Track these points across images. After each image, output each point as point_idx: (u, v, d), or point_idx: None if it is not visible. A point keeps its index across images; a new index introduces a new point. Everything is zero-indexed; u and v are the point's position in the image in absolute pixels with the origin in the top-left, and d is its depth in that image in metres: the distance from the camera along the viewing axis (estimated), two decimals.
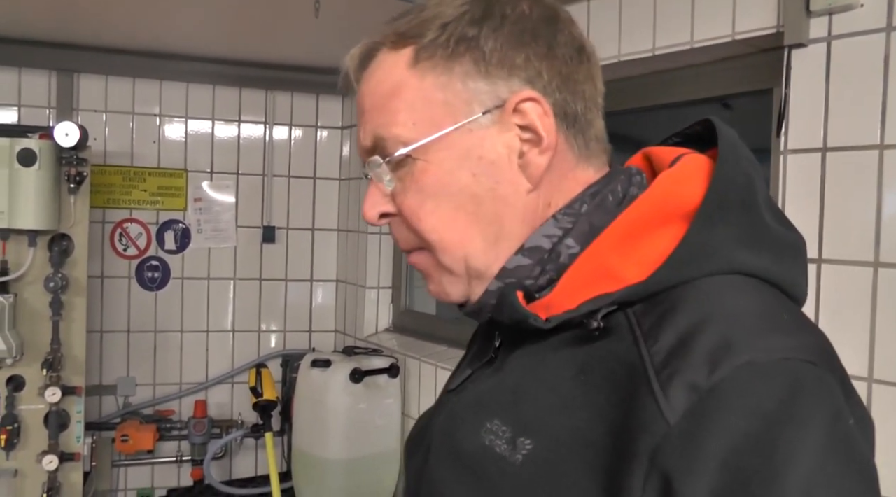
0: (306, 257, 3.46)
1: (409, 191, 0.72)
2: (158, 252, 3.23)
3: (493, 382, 0.73)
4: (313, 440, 2.73)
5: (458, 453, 0.71)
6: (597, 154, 0.75)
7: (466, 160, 0.70)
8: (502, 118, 0.70)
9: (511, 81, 0.70)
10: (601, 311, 0.64)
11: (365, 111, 0.75)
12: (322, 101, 3.45)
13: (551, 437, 0.63)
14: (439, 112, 0.70)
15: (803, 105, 1.54)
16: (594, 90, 0.75)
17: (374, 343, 3.09)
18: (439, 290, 0.76)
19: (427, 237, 0.73)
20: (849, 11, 1.45)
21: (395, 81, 0.72)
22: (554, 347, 0.68)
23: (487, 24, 0.70)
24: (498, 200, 0.71)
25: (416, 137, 0.70)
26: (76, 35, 2.90)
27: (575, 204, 0.72)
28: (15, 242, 2.52)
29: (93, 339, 3.05)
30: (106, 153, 3.14)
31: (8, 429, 2.48)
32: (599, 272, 0.66)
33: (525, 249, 0.71)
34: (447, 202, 0.71)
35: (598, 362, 0.64)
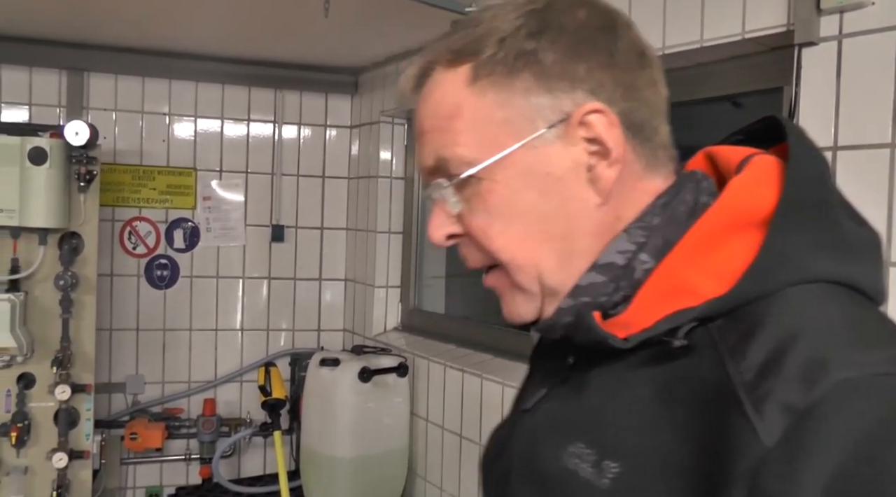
0: (315, 256, 3.46)
1: (476, 211, 0.71)
2: (167, 250, 3.24)
3: (573, 404, 0.71)
4: (322, 439, 2.73)
5: (542, 477, 0.70)
6: (664, 162, 0.73)
7: (533, 178, 0.68)
8: (567, 132, 0.68)
9: (574, 94, 0.68)
10: (682, 328, 0.62)
11: (425, 132, 0.73)
12: (331, 100, 3.45)
13: (637, 460, 0.62)
14: (502, 131, 0.68)
15: (814, 104, 1.52)
16: (658, 96, 0.73)
17: (383, 342, 3.10)
18: (513, 310, 0.75)
19: (499, 257, 0.71)
20: (860, 9, 1.44)
21: (455, 101, 0.70)
22: (633, 366, 0.66)
23: (546, 36, 0.68)
24: (568, 217, 0.69)
25: (479, 158, 0.69)
26: (86, 34, 2.92)
27: (646, 217, 0.69)
28: (25, 241, 2.53)
29: (102, 337, 3.06)
30: (115, 152, 3.15)
31: (18, 426, 2.50)
32: (676, 287, 0.64)
33: (598, 266, 0.69)
34: (517, 221, 0.70)
35: (680, 381, 0.62)
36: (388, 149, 3.25)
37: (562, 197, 0.69)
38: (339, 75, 3.39)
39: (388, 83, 3.16)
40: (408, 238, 3.26)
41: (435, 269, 3.31)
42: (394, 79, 3.12)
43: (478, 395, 2.50)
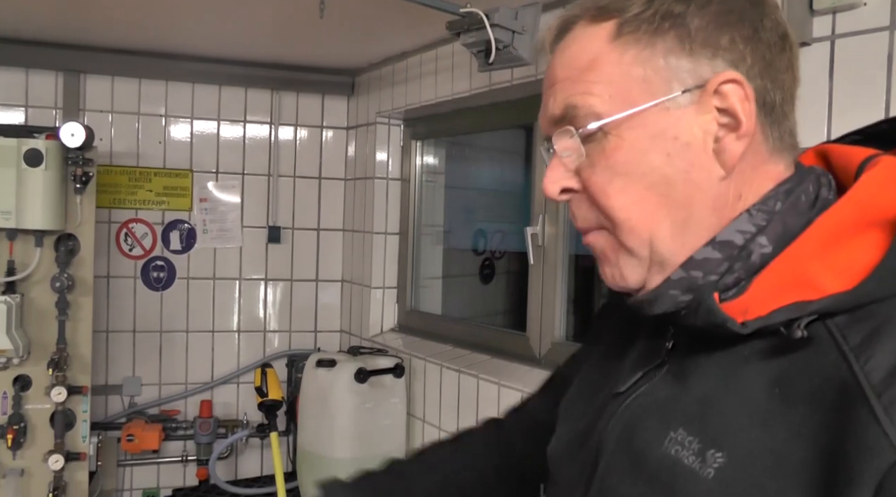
0: (312, 257, 3.46)
1: (597, 166, 0.70)
2: (164, 252, 3.24)
3: (676, 390, 0.70)
4: (319, 440, 2.73)
5: (642, 462, 0.68)
6: (788, 149, 0.72)
7: (661, 140, 0.68)
8: (702, 99, 0.68)
9: (715, 62, 0.67)
10: (802, 320, 0.60)
11: (557, 82, 0.72)
12: (327, 101, 3.46)
13: (745, 453, 0.61)
14: (637, 88, 0.68)
15: (807, 103, 1.53)
16: (793, 81, 0.72)
17: (380, 343, 3.10)
18: (615, 273, 0.73)
19: (614, 215, 0.70)
20: (852, 10, 1.45)
21: (594, 54, 0.70)
22: (745, 356, 0.65)
23: (695, 1, 0.68)
24: (690, 184, 0.68)
25: (611, 111, 0.68)
26: (83, 36, 2.92)
27: (769, 201, 0.69)
28: (22, 242, 2.53)
29: (99, 339, 3.07)
30: (112, 153, 3.16)
31: (14, 428, 2.50)
32: (798, 278, 0.63)
33: (716, 242, 0.68)
34: (638, 181, 0.68)
35: (798, 375, 0.60)
36: (384, 150, 3.25)
37: (687, 163, 0.68)
38: (336, 76, 3.40)
39: (385, 84, 3.16)
40: (404, 239, 3.26)
41: (431, 270, 3.31)
42: (390, 80, 3.12)
43: (474, 395, 2.50)
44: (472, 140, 3.39)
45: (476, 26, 1.99)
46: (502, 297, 3.64)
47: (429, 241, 3.31)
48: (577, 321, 2.50)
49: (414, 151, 3.23)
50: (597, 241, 0.73)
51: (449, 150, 3.34)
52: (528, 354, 2.50)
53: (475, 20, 1.98)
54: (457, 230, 3.49)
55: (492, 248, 3.63)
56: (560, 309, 2.44)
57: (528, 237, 2.45)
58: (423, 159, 3.26)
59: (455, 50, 2.64)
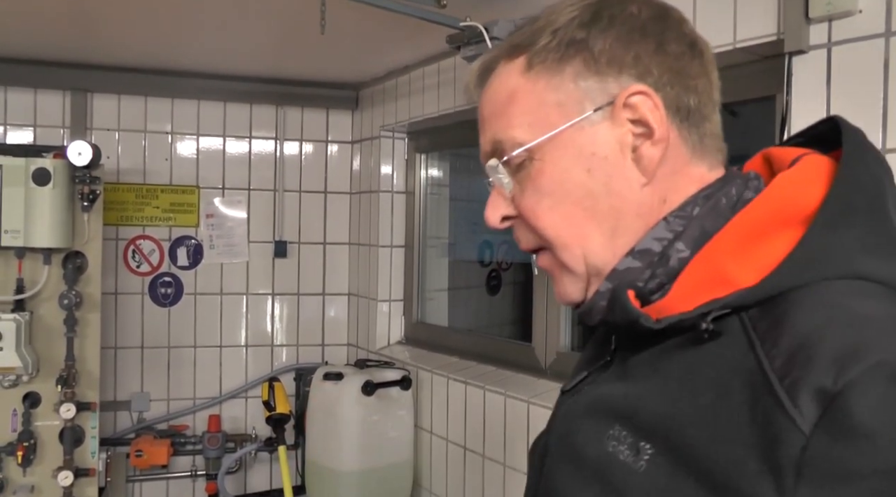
0: (318, 271, 3.48)
1: (526, 191, 0.74)
2: (171, 268, 3.26)
3: (613, 388, 0.73)
4: (327, 452, 2.73)
5: (581, 459, 0.71)
6: (711, 151, 0.75)
7: (580, 157, 0.72)
8: (613, 114, 0.71)
9: (621, 78, 0.71)
10: (711, 314, 0.63)
11: (485, 120, 0.78)
12: (332, 115, 3.48)
13: (669, 443, 0.63)
14: (553, 112, 0.72)
15: (805, 111, 1.54)
16: (708, 85, 0.75)
17: (387, 355, 3.10)
18: (562, 291, 0.77)
19: (546, 234, 0.74)
20: (848, 17, 1.45)
21: (511, 88, 0.75)
22: (668, 352, 0.68)
23: (596, 26, 0.72)
24: (613, 195, 0.72)
25: (531, 138, 0.73)
26: (89, 55, 2.95)
27: (687, 207, 0.71)
28: (30, 260, 2.55)
29: (107, 355, 3.08)
30: (119, 171, 3.18)
31: (24, 445, 2.51)
32: (713, 277, 0.65)
33: (635, 252, 0.71)
34: (564, 199, 0.72)
35: (710, 366, 0.63)
36: (388, 163, 3.27)
37: (608, 175, 0.71)
38: (340, 91, 3.42)
39: (388, 98, 3.18)
40: (410, 252, 3.27)
41: (437, 283, 3.32)
42: (393, 93, 3.14)
43: (481, 406, 2.50)
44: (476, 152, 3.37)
45: (476, 39, 2.00)
46: (509, 308, 3.64)
47: (434, 254, 3.32)
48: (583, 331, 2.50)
49: (418, 164, 3.25)
50: (543, 262, 0.78)
51: (453, 163, 3.36)
52: (534, 365, 2.50)
53: (475, 33, 2.00)
54: (462, 242, 3.50)
55: (498, 259, 3.63)
56: (565, 319, 2.44)
57: None
58: (427, 172, 3.27)
59: (457, 63, 2.66)
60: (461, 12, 2.01)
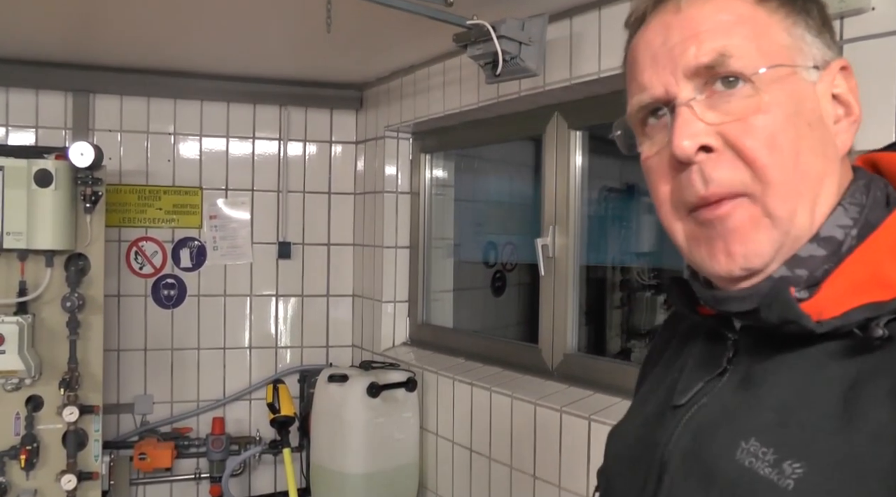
0: (322, 272, 3.46)
1: (750, 120, 0.66)
2: (174, 270, 3.24)
3: (744, 398, 0.67)
4: (332, 455, 2.72)
5: (712, 475, 0.65)
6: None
7: (803, 106, 0.67)
8: (825, 79, 0.69)
9: (831, 50, 0.70)
10: (882, 318, 0.58)
11: (700, 31, 0.68)
12: (336, 115, 3.46)
13: (826, 462, 0.58)
14: (784, 50, 0.68)
15: None
16: None
17: (392, 357, 3.08)
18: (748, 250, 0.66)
19: (772, 174, 0.65)
20: (860, 15, 1.43)
21: (742, 12, 0.68)
22: (818, 359, 0.62)
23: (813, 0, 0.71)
24: (824, 158, 0.67)
25: (765, 64, 0.66)
26: (91, 56, 2.94)
27: (856, 194, 0.68)
28: (33, 263, 2.54)
29: (110, 358, 3.07)
30: (121, 172, 3.17)
31: (27, 449, 2.49)
32: (872, 278, 0.62)
33: (820, 238, 0.66)
34: (792, 144, 0.65)
35: (875, 377, 0.58)
36: (393, 164, 3.25)
37: (823, 135, 0.68)
38: (344, 91, 3.40)
39: (393, 98, 3.16)
40: (415, 252, 3.25)
41: (443, 283, 3.30)
42: (398, 93, 3.12)
43: (487, 408, 2.48)
44: (481, 152, 3.38)
45: (483, 38, 1.98)
46: (514, 310, 3.63)
47: (439, 255, 3.30)
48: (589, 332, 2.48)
49: (423, 165, 3.23)
50: (736, 210, 0.66)
51: (458, 163, 3.34)
52: (540, 366, 2.48)
53: (482, 32, 1.98)
54: (467, 243, 3.48)
55: (503, 260, 3.61)
56: (572, 320, 2.42)
57: (538, 248, 2.44)
58: (432, 172, 3.25)
59: (462, 62, 2.64)
60: (468, 11, 1.99)
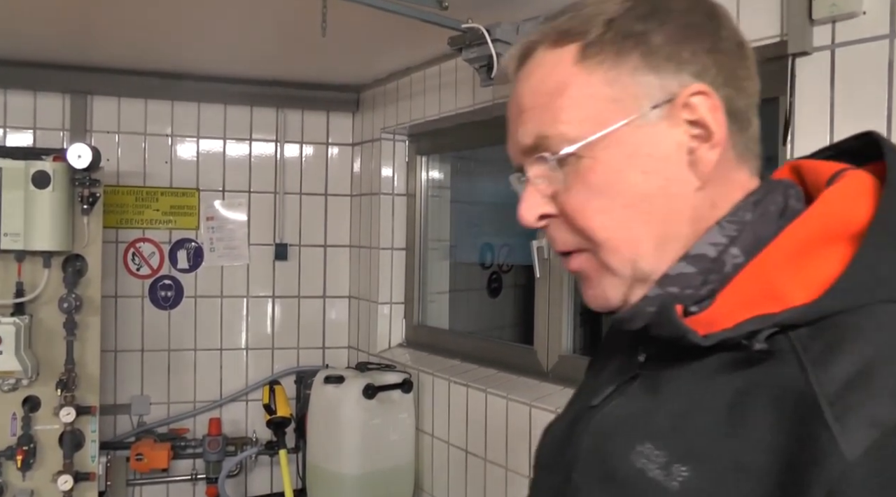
0: (319, 274, 3.47)
1: (573, 189, 0.70)
2: (171, 271, 3.25)
3: (644, 403, 0.71)
4: (328, 456, 2.72)
5: (609, 474, 0.69)
6: (752, 157, 0.73)
7: (635, 157, 0.68)
8: (672, 113, 0.68)
9: (680, 75, 0.68)
10: (763, 333, 0.61)
11: (524, 110, 0.72)
12: (333, 117, 3.47)
13: (709, 466, 0.61)
14: (607, 108, 0.68)
15: (809, 112, 1.53)
16: (754, 88, 0.73)
17: (388, 358, 3.09)
18: (598, 294, 0.73)
19: (595, 236, 0.70)
20: (852, 19, 1.45)
21: (560, 79, 0.70)
22: (711, 370, 0.65)
23: (654, 19, 0.69)
24: (668, 199, 0.69)
25: (583, 134, 0.68)
26: (89, 57, 2.95)
27: (739, 212, 0.69)
28: (30, 264, 2.55)
29: (107, 359, 3.07)
30: (119, 174, 3.17)
31: (24, 449, 2.50)
32: (763, 291, 0.63)
33: (689, 257, 0.69)
34: (616, 200, 0.69)
35: (758, 387, 0.61)
36: (389, 165, 3.26)
37: (664, 179, 0.68)
38: (341, 93, 3.41)
39: (389, 100, 3.18)
40: (411, 254, 3.26)
41: (439, 285, 3.31)
42: (394, 96, 3.14)
43: (482, 409, 2.49)
44: (477, 154, 3.39)
45: (477, 41, 2.00)
46: (510, 311, 3.64)
47: (435, 256, 3.31)
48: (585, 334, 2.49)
49: (419, 167, 3.24)
50: (579, 263, 0.73)
51: (454, 165, 3.35)
52: (535, 368, 2.49)
53: (476, 35, 1.99)
54: (463, 244, 3.49)
55: (499, 261, 3.62)
56: (567, 322, 2.43)
57: (534, 251, 2.45)
58: (428, 174, 3.26)
59: (458, 65, 2.66)
60: (463, 14, 2.01)
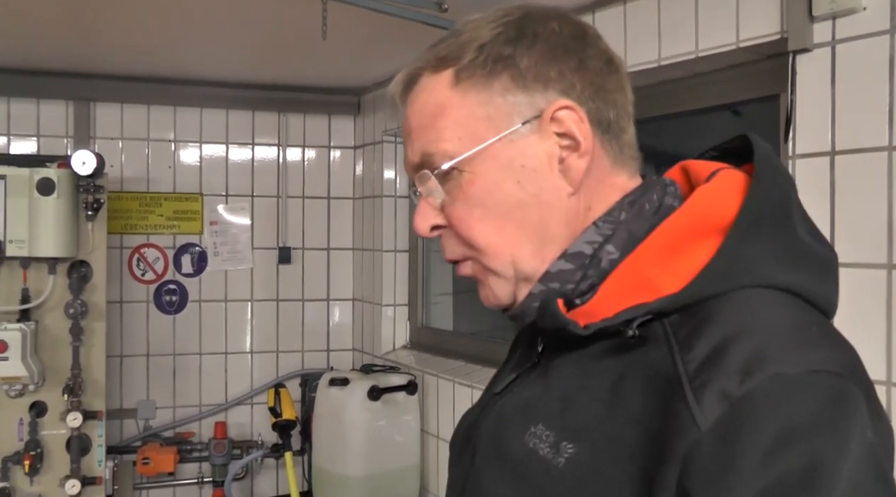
0: (322, 277, 3.47)
1: (457, 201, 0.76)
2: (176, 276, 3.26)
3: (539, 388, 0.76)
4: (333, 458, 2.73)
5: (504, 455, 0.74)
6: (629, 160, 0.79)
7: (510, 169, 0.74)
8: (541, 127, 0.74)
9: (547, 93, 0.74)
10: (636, 320, 0.67)
11: (412, 131, 0.79)
12: (334, 121, 3.48)
13: (592, 443, 0.66)
14: (482, 126, 0.75)
15: (810, 109, 1.54)
16: (625, 99, 0.79)
17: (392, 360, 3.10)
18: (488, 293, 0.79)
19: (477, 243, 0.76)
20: (852, 15, 1.45)
21: (439, 101, 0.76)
22: (595, 356, 0.71)
23: (521, 42, 0.75)
24: (542, 205, 0.75)
25: (461, 151, 0.75)
26: (92, 64, 2.96)
27: (614, 212, 0.75)
28: (35, 270, 2.56)
29: (113, 364, 3.08)
30: (122, 179, 3.19)
31: (31, 454, 2.51)
32: (638, 283, 0.69)
33: (567, 255, 0.74)
34: (494, 210, 0.75)
35: (635, 370, 0.67)
36: (391, 168, 3.27)
37: (537, 187, 0.74)
38: (342, 96, 3.42)
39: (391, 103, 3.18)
40: (414, 256, 3.27)
41: (442, 286, 3.32)
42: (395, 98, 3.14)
43: None
44: None
45: None
46: None
47: (438, 258, 3.31)
48: None
49: None
50: (466, 269, 0.80)
51: None
52: None
53: None
54: None
55: None
56: None
57: None
58: None
59: None
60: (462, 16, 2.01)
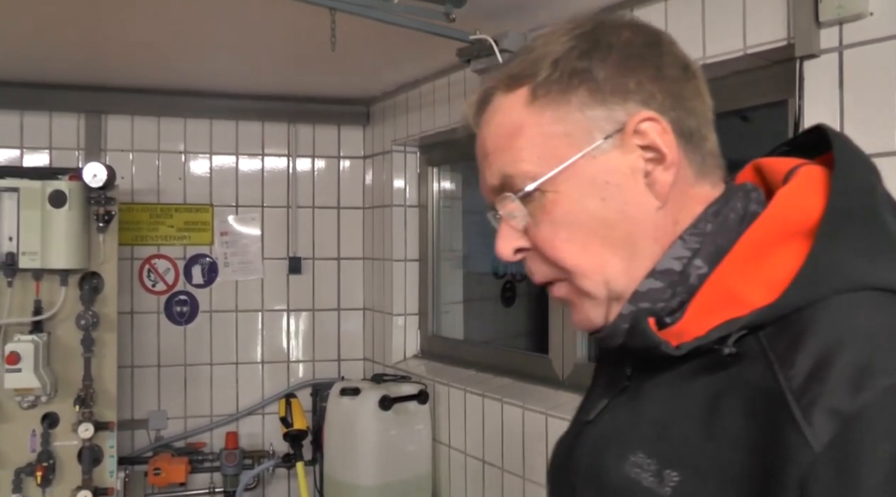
0: (333, 286, 3.48)
1: (541, 223, 0.74)
2: (186, 286, 3.27)
3: (631, 414, 0.74)
4: (345, 468, 2.73)
5: (605, 486, 0.72)
6: (712, 169, 0.76)
7: (593, 186, 0.72)
8: (623, 141, 0.72)
9: (627, 105, 0.72)
10: (732, 337, 0.64)
11: (489, 153, 0.77)
12: (344, 131, 3.49)
13: (696, 469, 0.64)
14: (561, 143, 0.72)
15: (818, 115, 1.53)
16: (704, 106, 0.76)
17: (403, 370, 3.10)
18: (583, 317, 0.77)
19: (565, 265, 0.74)
20: (859, 20, 1.45)
21: (515, 121, 0.74)
22: (687, 376, 0.68)
23: (596, 55, 0.72)
24: (629, 221, 0.72)
25: (542, 171, 0.72)
26: (103, 77, 2.98)
27: (700, 224, 0.72)
28: (47, 282, 2.57)
29: (124, 374, 3.09)
30: (133, 191, 3.21)
31: (44, 465, 2.52)
32: (726, 297, 0.66)
33: (656, 272, 0.72)
34: (581, 229, 0.72)
35: (733, 389, 0.64)
36: (401, 177, 3.27)
37: (622, 202, 0.72)
38: (351, 106, 3.44)
39: (399, 112, 3.19)
40: (424, 265, 3.27)
41: (452, 295, 3.31)
42: (404, 108, 3.15)
43: (499, 419, 2.49)
44: None
45: (486, 52, 2.01)
46: (524, 320, 3.63)
47: (448, 267, 3.31)
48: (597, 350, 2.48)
49: (430, 178, 3.25)
50: (560, 292, 0.77)
51: (465, 175, 3.35)
52: (551, 377, 2.49)
53: (484, 46, 2.00)
54: (476, 254, 3.49)
55: (512, 270, 3.62)
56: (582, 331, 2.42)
57: None
58: (439, 185, 3.28)
59: (467, 76, 2.67)
60: (470, 26, 2.02)
